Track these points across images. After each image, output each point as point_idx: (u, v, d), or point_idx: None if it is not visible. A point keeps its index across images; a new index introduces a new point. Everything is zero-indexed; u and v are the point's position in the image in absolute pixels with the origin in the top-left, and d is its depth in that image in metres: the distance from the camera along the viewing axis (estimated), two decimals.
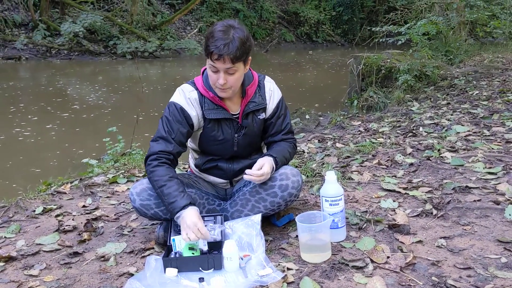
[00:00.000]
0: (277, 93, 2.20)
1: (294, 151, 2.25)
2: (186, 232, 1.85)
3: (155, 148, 2.02)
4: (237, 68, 1.93)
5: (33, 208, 2.65)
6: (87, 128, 6.56)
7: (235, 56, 1.87)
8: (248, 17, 19.53)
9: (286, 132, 2.21)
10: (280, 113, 2.19)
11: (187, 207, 1.90)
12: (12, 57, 13.91)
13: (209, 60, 1.92)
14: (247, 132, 2.13)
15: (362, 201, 2.49)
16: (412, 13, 11.14)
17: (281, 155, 2.11)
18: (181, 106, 2.04)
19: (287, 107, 2.25)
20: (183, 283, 1.75)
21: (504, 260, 1.78)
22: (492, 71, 7.20)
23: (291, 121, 2.27)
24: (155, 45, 15.18)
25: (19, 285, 1.82)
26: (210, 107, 2.06)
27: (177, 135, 2.03)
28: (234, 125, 2.11)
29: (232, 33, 1.88)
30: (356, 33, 20.92)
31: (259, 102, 2.12)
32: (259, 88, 2.14)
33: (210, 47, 1.88)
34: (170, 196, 1.92)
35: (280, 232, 2.17)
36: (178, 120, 2.04)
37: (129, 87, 9.95)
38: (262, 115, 2.15)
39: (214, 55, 1.87)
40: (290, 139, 2.23)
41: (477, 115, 4.39)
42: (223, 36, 1.87)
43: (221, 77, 1.92)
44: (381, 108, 6.09)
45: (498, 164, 2.89)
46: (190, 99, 2.06)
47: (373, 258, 1.85)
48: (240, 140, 2.13)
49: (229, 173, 2.22)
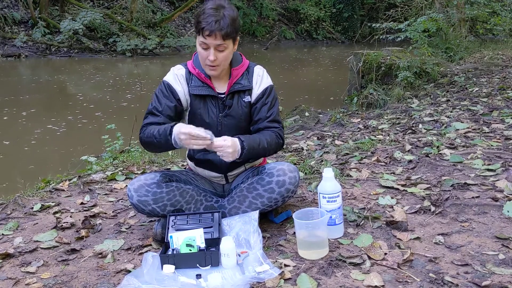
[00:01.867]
0: (266, 80, 2.19)
1: (275, 141, 2.13)
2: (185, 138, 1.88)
3: (144, 122, 2.10)
4: (226, 45, 1.97)
5: (31, 205, 2.65)
6: (86, 125, 6.56)
7: (226, 33, 1.92)
8: (248, 14, 19.49)
9: (270, 120, 2.15)
10: (266, 100, 2.16)
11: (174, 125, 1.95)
12: (12, 55, 13.91)
13: (200, 36, 1.96)
14: (231, 112, 2.13)
15: (360, 198, 2.49)
16: (412, 10, 11.13)
17: (251, 140, 2.03)
18: (168, 82, 2.12)
19: (276, 98, 2.23)
20: (180, 279, 1.74)
21: (502, 256, 1.78)
22: (492, 68, 7.18)
23: (279, 112, 2.23)
24: (154, 43, 15.17)
25: (16, 282, 1.82)
26: (195, 83, 2.11)
27: (164, 109, 2.08)
28: (219, 104, 2.13)
29: (223, 11, 1.94)
30: (356, 30, 20.89)
31: (244, 84, 2.13)
32: (247, 72, 2.17)
33: (202, 23, 1.93)
34: (161, 130, 1.97)
35: (277, 228, 2.17)
36: (165, 95, 2.10)
37: (129, 85, 9.95)
38: (248, 97, 2.15)
39: (206, 31, 1.92)
40: (275, 128, 2.16)
41: (477, 112, 4.39)
42: (215, 13, 1.92)
43: (212, 54, 1.96)
44: (380, 105, 6.08)
45: (497, 161, 2.89)
46: (177, 75, 2.13)
47: (370, 255, 1.84)
48: (225, 121, 2.13)
49: (221, 166, 2.20)
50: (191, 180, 2.21)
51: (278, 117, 2.20)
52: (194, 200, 2.16)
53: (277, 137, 2.15)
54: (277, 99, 2.24)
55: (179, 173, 2.21)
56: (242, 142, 2.00)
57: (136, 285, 1.68)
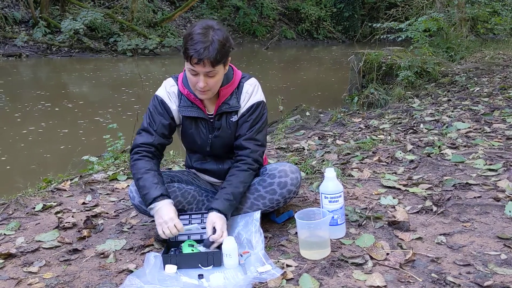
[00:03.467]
0: (254, 97, 2.06)
1: (252, 177, 2.07)
2: (162, 227, 1.86)
3: (138, 140, 2.05)
4: (217, 71, 1.88)
5: (33, 205, 2.65)
6: (87, 125, 6.56)
7: (216, 60, 1.82)
8: (248, 14, 19.49)
9: (246, 138, 2.04)
10: (249, 117, 2.04)
11: (159, 198, 1.89)
12: (13, 55, 13.91)
13: (188, 63, 1.87)
14: (220, 134, 2.06)
15: (362, 198, 2.49)
16: (413, 10, 11.12)
17: (226, 203, 1.96)
18: (162, 99, 2.05)
19: (262, 115, 2.08)
20: (182, 279, 1.75)
21: (504, 256, 1.78)
22: (493, 67, 7.18)
23: (264, 130, 2.10)
24: (155, 43, 15.17)
25: (18, 282, 1.82)
26: (184, 104, 2.04)
27: (158, 127, 2.04)
28: (209, 125, 2.07)
29: (212, 35, 1.82)
30: (357, 30, 20.90)
31: (232, 104, 2.03)
32: (237, 90, 2.05)
33: (189, 50, 1.82)
34: (144, 188, 1.93)
35: (279, 229, 2.17)
36: (159, 112, 2.05)
37: (130, 84, 9.95)
38: (235, 117, 2.06)
39: (194, 59, 1.82)
40: (247, 150, 2.04)
41: (478, 112, 4.38)
42: (203, 39, 1.81)
43: (201, 80, 1.87)
44: (381, 105, 6.08)
45: (498, 160, 2.88)
46: (170, 93, 2.06)
47: (372, 255, 1.84)
48: (214, 141, 2.09)
49: (219, 173, 2.19)
50: (192, 180, 2.21)
51: (257, 135, 2.06)
52: (196, 201, 2.16)
53: (252, 171, 2.05)
54: (263, 116, 2.09)
55: (180, 174, 2.21)
56: (219, 212, 1.95)
57: (138, 285, 1.68)
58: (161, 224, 1.87)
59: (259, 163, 2.10)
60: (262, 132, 2.09)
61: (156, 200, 1.90)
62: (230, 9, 19.90)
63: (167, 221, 1.86)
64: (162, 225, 1.86)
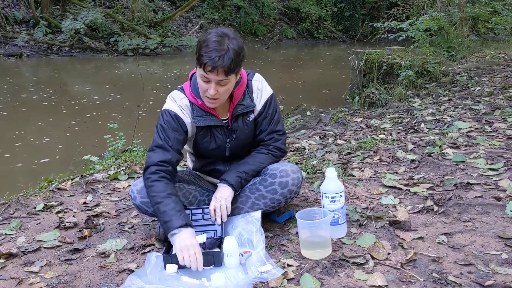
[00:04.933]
0: (265, 92, 2.10)
1: (270, 160, 2.12)
2: (183, 254, 1.76)
3: (154, 158, 1.96)
4: (229, 80, 1.86)
5: (34, 204, 2.65)
6: (88, 125, 6.56)
7: (229, 69, 1.81)
8: (249, 13, 19.49)
9: (269, 131, 2.11)
10: (267, 112, 2.09)
11: (183, 228, 1.83)
12: (13, 54, 13.91)
13: (201, 70, 1.84)
14: (238, 135, 2.08)
15: (363, 197, 2.48)
16: (413, 9, 11.11)
17: (236, 176, 2.03)
18: (175, 113, 2.00)
19: (276, 106, 2.14)
20: (183, 279, 1.75)
21: (505, 256, 1.77)
22: (494, 67, 7.17)
23: (280, 119, 2.16)
24: (156, 42, 15.16)
25: (19, 281, 1.82)
26: (199, 114, 2.01)
27: (174, 143, 1.98)
28: (225, 131, 2.07)
29: (227, 44, 1.81)
30: (357, 29, 20.87)
31: (247, 104, 2.04)
32: (247, 89, 2.06)
33: (204, 57, 1.79)
34: (166, 215, 1.85)
35: (280, 228, 2.17)
36: (173, 128, 1.99)
37: (130, 84, 9.95)
38: (252, 116, 2.08)
39: (208, 66, 1.79)
40: (271, 141, 2.11)
41: (479, 111, 4.38)
42: (218, 47, 1.79)
43: (212, 88, 1.85)
44: (382, 104, 6.08)
45: (499, 160, 2.88)
46: (182, 106, 2.02)
47: (373, 255, 1.84)
48: (233, 144, 2.09)
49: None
50: (194, 180, 2.21)
51: (277, 126, 2.13)
52: (197, 201, 2.16)
53: (272, 155, 2.12)
54: (277, 106, 2.16)
55: (182, 173, 2.21)
56: (232, 186, 2.01)
57: (140, 285, 1.68)
58: (182, 250, 1.77)
59: (282, 151, 2.16)
60: (280, 122, 2.15)
61: (180, 229, 1.83)
62: (231, 9, 19.89)
63: (189, 248, 1.77)
64: (184, 252, 1.76)
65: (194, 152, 2.20)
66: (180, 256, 1.77)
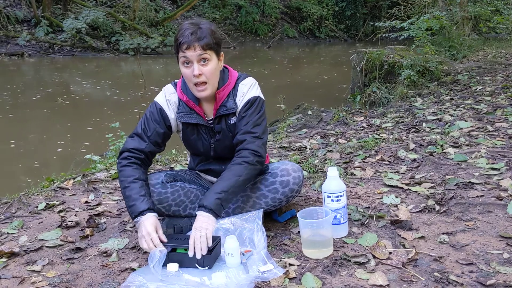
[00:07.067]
0: (249, 94, 2.02)
1: (247, 170, 1.94)
2: (142, 242, 1.85)
3: (129, 144, 2.02)
4: (209, 56, 1.89)
5: (36, 204, 2.65)
6: (90, 124, 6.57)
7: (206, 43, 1.86)
8: (250, 13, 19.47)
9: (243, 132, 1.98)
10: (245, 112, 2.00)
11: (145, 212, 1.88)
12: (15, 54, 13.94)
13: (181, 53, 1.89)
14: (221, 137, 2.06)
15: (364, 197, 2.49)
16: (415, 8, 11.10)
17: (214, 198, 1.87)
18: (160, 107, 2.04)
19: (260, 110, 2.03)
20: (185, 277, 1.75)
21: (507, 255, 1.77)
22: (495, 66, 7.16)
23: (262, 124, 2.02)
24: (157, 41, 15.18)
25: (21, 280, 1.82)
26: (183, 110, 2.04)
27: (152, 135, 2.02)
28: (209, 131, 2.07)
29: (200, 24, 1.90)
30: (359, 29, 20.85)
31: (229, 106, 2.01)
32: (233, 91, 2.03)
33: (179, 38, 1.88)
34: (130, 199, 1.91)
35: (281, 228, 2.17)
36: (155, 120, 2.03)
37: (132, 83, 9.96)
38: (234, 119, 2.04)
39: (183, 44, 1.86)
40: (247, 144, 1.96)
41: (481, 111, 4.37)
42: (190, 27, 1.88)
43: (196, 68, 1.88)
44: (384, 103, 6.07)
45: (501, 159, 2.88)
46: (170, 101, 2.05)
47: (375, 254, 1.84)
48: (217, 145, 2.09)
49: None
50: (195, 179, 2.22)
51: (254, 128, 1.99)
52: (199, 200, 2.16)
53: (247, 163, 1.94)
54: (260, 111, 2.03)
55: (183, 173, 2.21)
56: (213, 212, 1.87)
57: (141, 282, 1.69)
58: (141, 237, 1.86)
59: (258, 155, 1.96)
60: (259, 126, 2.01)
61: (142, 214, 1.89)
62: (232, 8, 19.88)
63: (145, 236, 1.84)
64: (141, 238, 1.86)
65: (187, 149, 2.22)
66: (140, 244, 1.86)
